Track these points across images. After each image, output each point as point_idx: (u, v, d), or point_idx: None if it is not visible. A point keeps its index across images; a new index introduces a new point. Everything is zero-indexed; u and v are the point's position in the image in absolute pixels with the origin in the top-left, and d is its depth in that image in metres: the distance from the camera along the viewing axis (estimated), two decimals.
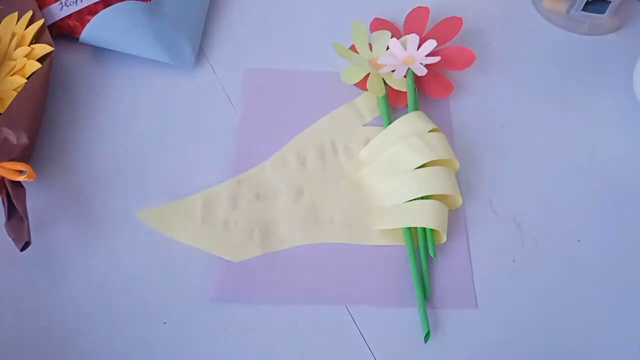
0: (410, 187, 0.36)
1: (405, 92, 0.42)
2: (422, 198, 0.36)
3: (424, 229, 0.36)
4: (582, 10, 0.46)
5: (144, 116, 0.42)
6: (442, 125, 0.41)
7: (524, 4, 0.50)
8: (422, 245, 0.35)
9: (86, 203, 0.37)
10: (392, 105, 0.42)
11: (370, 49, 0.44)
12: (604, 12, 0.46)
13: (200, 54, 0.45)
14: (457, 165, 0.38)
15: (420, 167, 0.37)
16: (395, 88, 0.42)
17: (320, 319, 0.33)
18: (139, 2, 0.43)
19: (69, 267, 0.35)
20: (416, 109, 0.40)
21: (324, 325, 0.33)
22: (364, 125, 0.41)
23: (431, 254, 0.35)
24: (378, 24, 0.46)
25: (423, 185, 0.36)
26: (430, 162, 0.37)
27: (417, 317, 0.33)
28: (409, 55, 0.43)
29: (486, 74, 0.45)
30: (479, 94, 0.44)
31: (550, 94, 0.44)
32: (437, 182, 0.36)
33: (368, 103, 0.42)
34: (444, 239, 0.36)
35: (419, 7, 0.46)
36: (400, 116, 0.39)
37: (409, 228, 0.36)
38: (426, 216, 0.35)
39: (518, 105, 0.43)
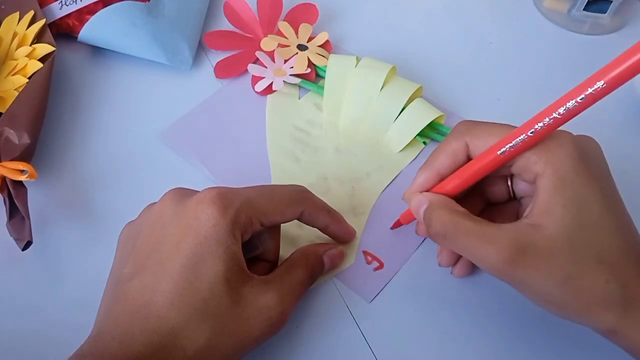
0: (392, 101, 0.39)
1: (309, 71, 0.42)
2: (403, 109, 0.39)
3: None
4: (584, 9, 0.46)
5: (145, 115, 0.42)
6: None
7: (524, 4, 0.50)
8: None
9: (88, 202, 0.38)
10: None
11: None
12: (606, 12, 0.46)
13: (201, 54, 0.45)
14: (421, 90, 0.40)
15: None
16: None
17: (321, 319, 0.33)
18: (137, 2, 0.43)
19: (70, 266, 0.35)
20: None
21: (324, 325, 0.33)
22: (299, 99, 0.42)
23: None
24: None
25: (400, 93, 0.39)
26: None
27: (417, 318, 0.33)
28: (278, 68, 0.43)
29: (486, 74, 0.45)
30: (479, 94, 0.44)
31: (551, 93, 0.43)
32: (406, 86, 0.39)
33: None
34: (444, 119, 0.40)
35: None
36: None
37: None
38: (425, 112, 0.38)
39: (518, 105, 0.43)
